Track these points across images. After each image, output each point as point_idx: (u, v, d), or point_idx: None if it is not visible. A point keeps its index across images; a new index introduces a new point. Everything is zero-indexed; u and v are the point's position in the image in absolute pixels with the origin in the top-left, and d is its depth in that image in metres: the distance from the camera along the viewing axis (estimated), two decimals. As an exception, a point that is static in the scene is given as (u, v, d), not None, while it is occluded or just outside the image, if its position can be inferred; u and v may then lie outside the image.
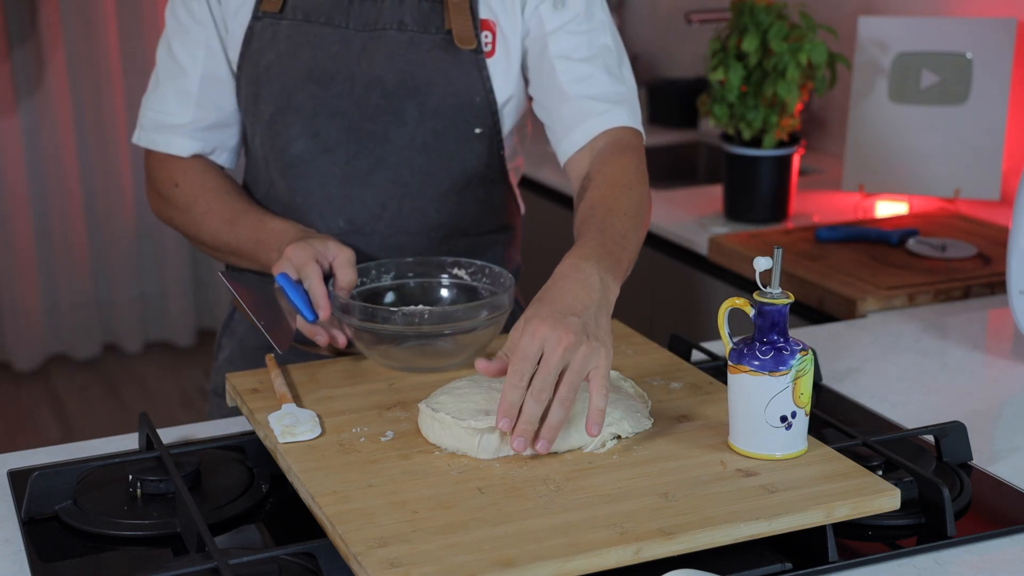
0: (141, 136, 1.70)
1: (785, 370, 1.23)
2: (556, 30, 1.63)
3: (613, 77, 1.63)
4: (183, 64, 1.66)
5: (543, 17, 1.63)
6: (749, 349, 1.24)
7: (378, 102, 1.62)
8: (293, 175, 1.66)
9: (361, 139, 1.63)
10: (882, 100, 2.68)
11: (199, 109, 1.67)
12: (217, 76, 1.67)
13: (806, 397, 1.24)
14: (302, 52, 1.62)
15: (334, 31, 1.62)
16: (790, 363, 1.23)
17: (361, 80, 1.62)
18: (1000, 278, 2.06)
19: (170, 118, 1.67)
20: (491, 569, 1.05)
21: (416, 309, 1.45)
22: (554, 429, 1.22)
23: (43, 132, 4.39)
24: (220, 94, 1.68)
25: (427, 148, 1.64)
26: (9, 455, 1.45)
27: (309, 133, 1.64)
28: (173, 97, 1.67)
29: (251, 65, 1.65)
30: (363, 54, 1.62)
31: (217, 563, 1.10)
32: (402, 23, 1.62)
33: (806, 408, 1.25)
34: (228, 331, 1.84)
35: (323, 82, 1.62)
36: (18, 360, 4.50)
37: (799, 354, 1.23)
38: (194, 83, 1.66)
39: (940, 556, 1.21)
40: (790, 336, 1.25)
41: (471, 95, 1.63)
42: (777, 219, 2.53)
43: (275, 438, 1.30)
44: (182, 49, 1.66)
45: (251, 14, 1.64)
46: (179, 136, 1.67)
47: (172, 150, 1.67)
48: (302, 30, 1.63)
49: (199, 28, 1.65)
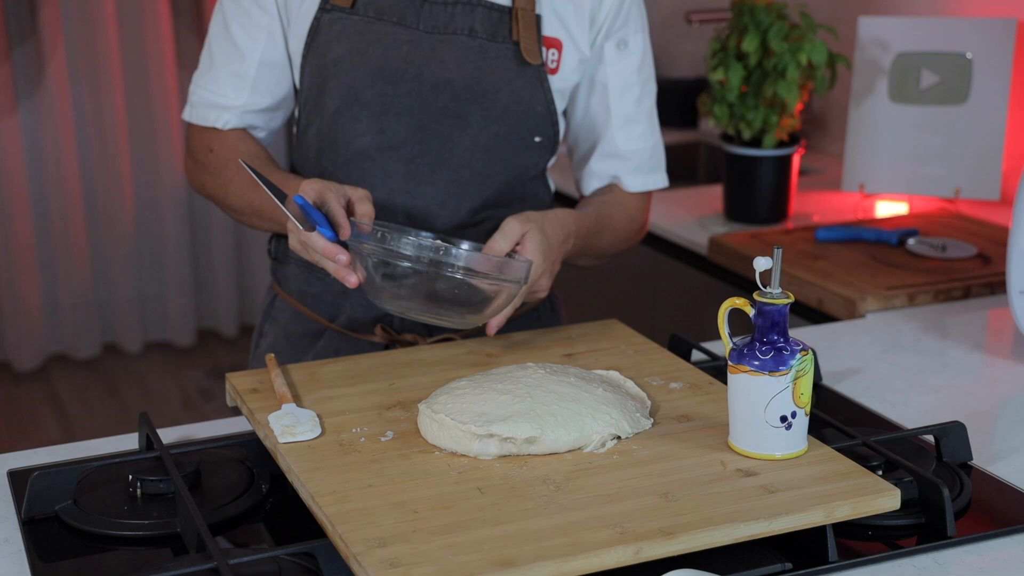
0: (192, 113, 1.73)
1: (785, 370, 1.22)
2: (617, 73, 1.73)
3: (651, 130, 1.79)
4: (242, 47, 1.68)
5: (605, 55, 1.72)
6: (749, 349, 1.24)
7: (445, 104, 1.65)
8: (355, 169, 1.67)
9: (426, 138, 1.66)
10: (882, 100, 2.68)
11: (253, 93, 1.69)
12: (274, 63, 1.69)
13: (806, 397, 1.24)
14: (373, 49, 1.64)
15: (405, 31, 1.64)
16: (790, 363, 1.23)
17: (430, 81, 1.64)
18: (1000, 278, 2.06)
19: (223, 99, 1.70)
20: (491, 569, 1.05)
21: (432, 242, 1.43)
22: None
23: (43, 132, 4.39)
24: (276, 80, 1.70)
25: (488, 151, 1.67)
26: (9, 455, 1.45)
27: (375, 129, 1.65)
28: (228, 79, 1.69)
29: (317, 57, 1.66)
30: (432, 56, 1.64)
31: (217, 563, 1.10)
32: (472, 30, 1.65)
33: (806, 408, 1.25)
34: (270, 319, 1.84)
35: (392, 80, 1.64)
36: (18, 360, 4.50)
37: (799, 354, 1.23)
38: (251, 67, 1.68)
39: (940, 556, 1.21)
40: (790, 336, 1.25)
41: (533, 104, 1.68)
42: (777, 219, 2.53)
43: (275, 438, 1.30)
44: (242, 32, 1.68)
45: (318, 5, 1.65)
46: (229, 114, 1.70)
47: (219, 124, 1.70)
48: (373, 27, 1.64)
49: (262, 14, 1.67)
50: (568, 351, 1.56)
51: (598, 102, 1.75)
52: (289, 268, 1.79)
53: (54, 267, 4.53)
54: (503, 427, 1.25)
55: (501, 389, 1.31)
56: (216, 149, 1.70)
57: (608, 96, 1.74)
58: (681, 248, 2.54)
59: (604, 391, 1.34)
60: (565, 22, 1.67)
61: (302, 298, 1.78)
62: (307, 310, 1.77)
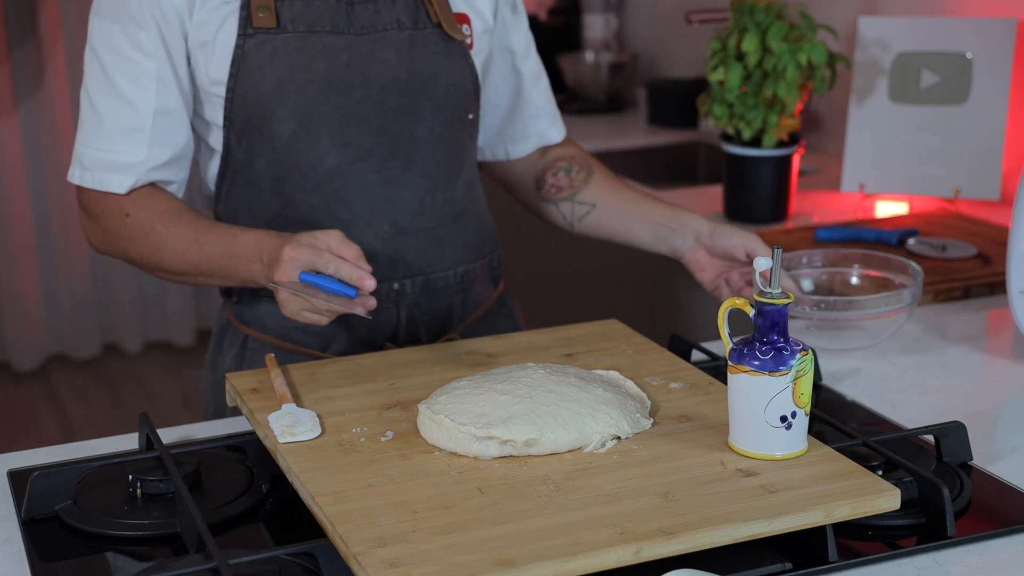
0: (84, 176, 1.60)
1: (785, 370, 1.22)
2: (517, 35, 1.82)
3: (545, 83, 1.89)
4: (132, 99, 1.57)
5: (507, 21, 1.79)
6: (749, 349, 1.24)
7: (398, 102, 1.63)
8: (328, 189, 1.62)
9: (390, 141, 1.64)
10: (882, 100, 2.68)
11: (153, 147, 1.58)
12: (170, 109, 1.59)
13: (806, 397, 1.24)
14: (315, 63, 1.59)
15: (339, 38, 1.61)
16: (790, 363, 1.23)
17: (378, 83, 1.62)
18: (1000, 278, 2.06)
19: (121, 156, 1.58)
20: (491, 569, 1.05)
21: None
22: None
23: (43, 132, 4.39)
24: (174, 129, 1.60)
25: (444, 139, 1.68)
26: (9, 455, 1.45)
27: (340, 144, 1.61)
28: (123, 135, 1.58)
29: (251, 86, 1.58)
30: (372, 57, 1.62)
31: (217, 563, 1.11)
32: (399, 21, 1.64)
33: (806, 408, 1.25)
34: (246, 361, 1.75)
35: (344, 91, 1.60)
36: (18, 360, 4.50)
37: (799, 354, 1.23)
38: (147, 119, 1.58)
39: (940, 556, 1.21)
40: (790, 336, 1.25)
41: (464, 83, 1.70)
42: (777, 219, 2.53)
43: (275, 438, 1.30)
44: (129, 83, 1.57)
45: (237, 31, 1.57)
46: (131, 175, 1.58)
47: (124, 190, 1.59)
48: (308, 41, 1.59)
49: (148, 60, 1.57)
50: (568, 351, 1.56)
51: (508, 67, 1.82)
52: (261, 307, 1.70)
53: (54, 267, 4.53)
54: (503, 429, 1.25)
55: (501, 389, 1.31)
56: (132, 213, 1.58)
57: (515, 58, 1.83)
58: (681, 248, 2.53)
59: (604, 391, 1.34)
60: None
61: (285, 335, 1.70)
62: (293, 346, 1.70)
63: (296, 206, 1.63)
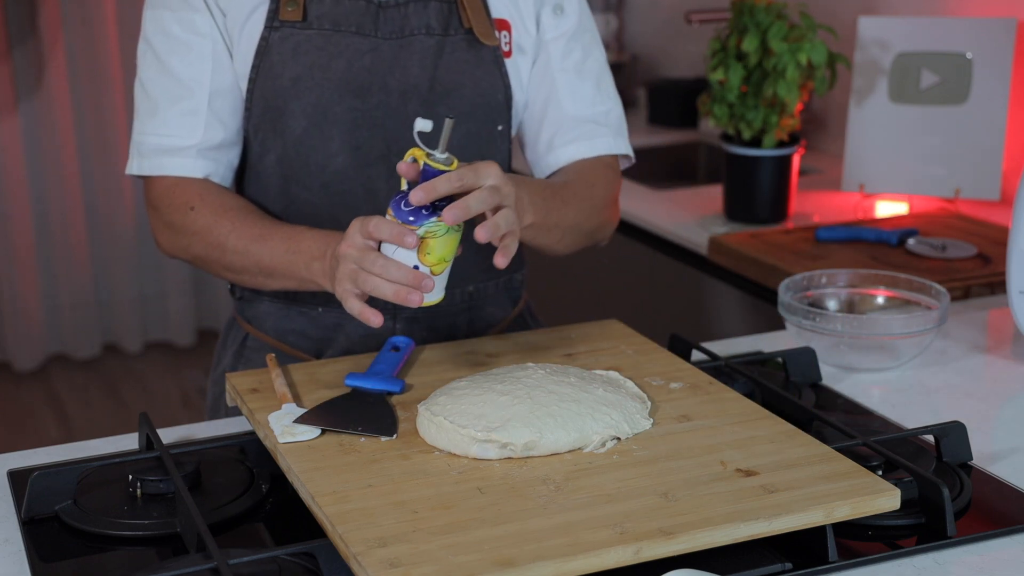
0: (143, 164, 1.60)
1: (416, 226, 1.30)
2: (556, 38, 1.67)
3: (603, 94, 1.71)
4: (187, 82, 1.58)
5: (543, 21, 1.67)
6: (403, 196, 1.33)
7: (415, 110, 1.60)
8: (334, 192, 1.61)
9: (402, 150, 1.58)
10: (882, 100, 2.68)
11: (208, 129, 1.58)
12: (225, 90, 1.59)
13: (433, 258, 1.32)
14: (335, 63, 1.57)
15: (364, 40, 1.58)
16: (421, 222, 1.31)
17: (397, 89, 1.59)
18: (1000, 278, 2.06)
19: (176, 140, 1.58)
20: (491, 569, 1.05)
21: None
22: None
23: (43, 132, 4.39)
24: (228, 110, 1.60)
25: (462, 150, 1.61)
26: (9, 455, 1.45)
27: (350, 146, 1.60)
28: (178, 119, 1.58)
29: (270, 78, 1.57)
30: (395, 63, 1.59)
31: (217, 563, 1.11)
32: (429, 27, 1.60)
33: (432, 268, 1.32)
34: (243, 360, 1.74)
35: (360, 94, 1.58)
36: (18, 360, 4.50)
37: (435, 219, 1.31)
38: (203, 101, 1.57)
39: (940, 556, 1.21)
40: (441, 205, 1.32)
41: (494, 93, 1.63)
42: (777, 219, 2.53)
43: (275, 438, 1.30)
44: (184, 66, 1.57)
45: (264, 23, 1.57)
46: (189, 158, 1.58)
47: (185, 172, 1.58)
48: (332, 40, 1.57)
49: (203, 41, 1.57)
50: (568, 351, 1.55)
51: (542, 72, 1.67)
52: (262, 306, 1.70)
53: (54, 267, 4.53)
54: (502, 433, 1.25)
55: (501, 390, 1.31)
56: (198, 207, 1.57)
57: (551, 63, 1.67)
58: (681, 248, 2.54)
59: (604, 391, 1.34)
60: (506, 2, 1.63)
61: (281, 336, 1.70)
62: (288, 348, 1.69)
63: (299, 206, 1.63)
